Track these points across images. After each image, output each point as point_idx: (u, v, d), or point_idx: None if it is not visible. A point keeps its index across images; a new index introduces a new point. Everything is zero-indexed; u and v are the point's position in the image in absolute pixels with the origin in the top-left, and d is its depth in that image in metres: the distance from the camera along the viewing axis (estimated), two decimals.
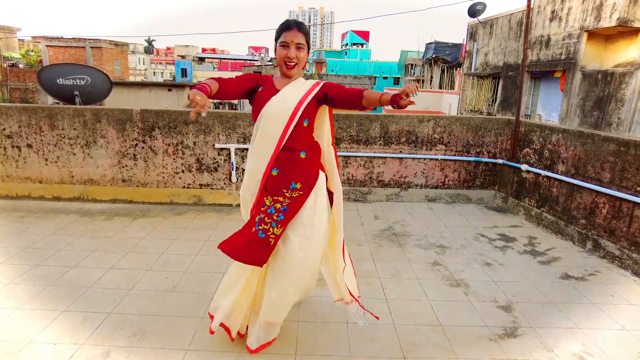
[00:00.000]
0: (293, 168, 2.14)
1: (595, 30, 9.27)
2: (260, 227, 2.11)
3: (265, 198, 2.17)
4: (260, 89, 2.16)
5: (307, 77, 2.09)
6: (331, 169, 2.33)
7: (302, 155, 2.15)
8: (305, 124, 2.12)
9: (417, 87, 1.75)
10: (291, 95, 2.10)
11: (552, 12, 10.41)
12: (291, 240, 2.12)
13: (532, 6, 4.87)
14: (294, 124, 2.08)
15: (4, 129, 4.65)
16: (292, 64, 2.09)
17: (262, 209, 2.15)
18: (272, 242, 2.10)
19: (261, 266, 2.14)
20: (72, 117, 4.65)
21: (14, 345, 2.30)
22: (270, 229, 2.10)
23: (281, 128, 2.08)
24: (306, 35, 2.10)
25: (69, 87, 5.43)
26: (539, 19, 10.88)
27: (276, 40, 2.12)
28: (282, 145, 2.10)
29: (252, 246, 2.09)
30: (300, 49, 2.08)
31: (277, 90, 2.13)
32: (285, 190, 2.14)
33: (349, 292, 2.33)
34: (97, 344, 2.34)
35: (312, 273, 2.20)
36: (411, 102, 1.78)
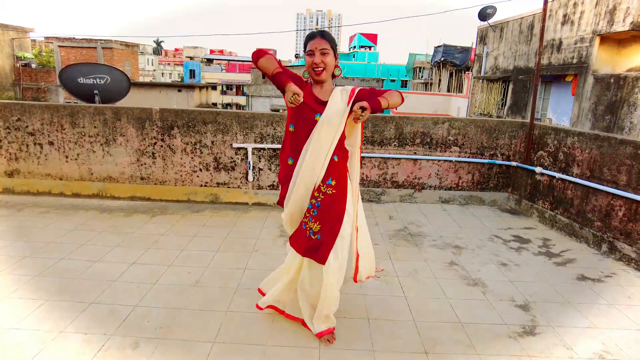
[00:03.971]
0: (330, 168, 2.31)
1: (608, 35, 9.24)
2: (304, 220, 2.37)
3: None
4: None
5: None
6: (354, 169, 2.50)
7: (335, 158, 2.33)
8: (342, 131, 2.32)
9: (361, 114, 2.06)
10: (339, 107, 2.24)
11: (564, 15, 10.40)
12: None
13: (546, 9, 4.89)
14: (340, 133, 2.28)
15: (27, 127, 4.75)
16: (320, 69, 2.22)
17: None
18: (314, 238, 2.28)
19: (300, 253, 2.36)
20: (93, 115, 4.75)
21: (47, 335, 2.37)
22: (309, 223, 2.32)
23: (332, 137, 2.26)
24: (330, 41, 2.23)
25: (89, 86, 5.54)
26: (551, 22, 10.86)
27: (305, 51, 2.27)
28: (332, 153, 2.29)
29: (299, 234, 2.38)
30: (325, 54, 2.21)
31: (319, 99, 2.28)
32: (321, 185, 2.30)
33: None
34: (126, 335, 2.41)
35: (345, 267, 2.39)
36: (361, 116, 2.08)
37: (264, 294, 2.64)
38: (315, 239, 2.29)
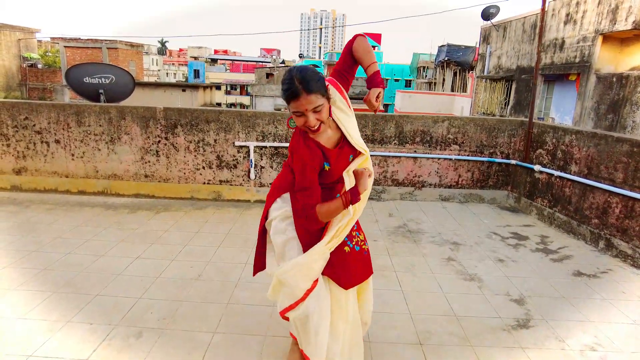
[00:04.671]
0: None
1: (611, 34, 9.25)
2: (353, 242, 2.04)
3: None
4: (327, 166, 1.85)
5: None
6: None
7: None
8: None
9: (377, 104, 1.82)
10: (356, 129, 1.94)
11: (567, 15, 10.41)
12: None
13: (546, 9, 4.94)
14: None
15: (34, 125, 4.86)
16: (316, 127, 1.75)
17: None
18: (366, 248, 2.10)
19: (366, 278, 2.08)
20: (98, 114, 4.84)
21: (54, 324, 2.46)
22: (359, 239, 2.07)
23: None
24: (320, 90, 1.70)
25: (95, 86, 5.65)
26: (553, 22, 10.87)
27: (287, 103, 1.76)
28: None
29: (358, 262, 2.02)
30: (318, 111, 1.72)
31: (340, 145, 1.89)
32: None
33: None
34: (130, 325, 2.49)
35: None
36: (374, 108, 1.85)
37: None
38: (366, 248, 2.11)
